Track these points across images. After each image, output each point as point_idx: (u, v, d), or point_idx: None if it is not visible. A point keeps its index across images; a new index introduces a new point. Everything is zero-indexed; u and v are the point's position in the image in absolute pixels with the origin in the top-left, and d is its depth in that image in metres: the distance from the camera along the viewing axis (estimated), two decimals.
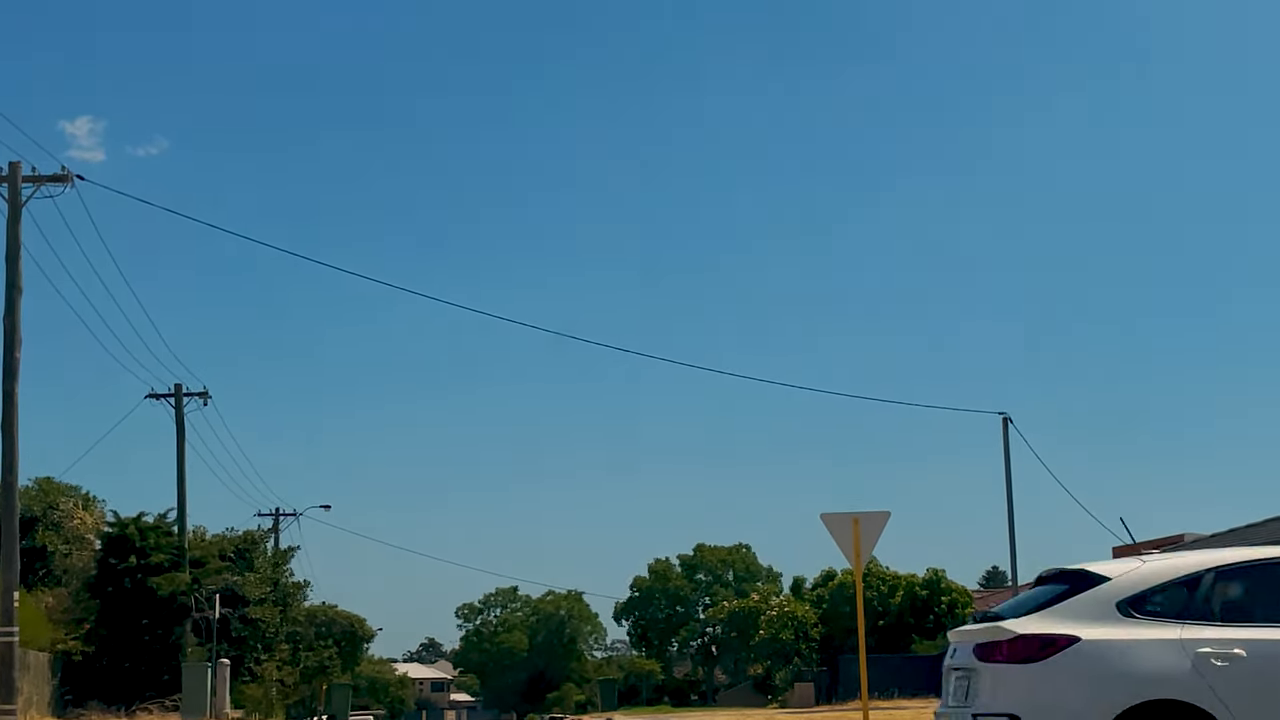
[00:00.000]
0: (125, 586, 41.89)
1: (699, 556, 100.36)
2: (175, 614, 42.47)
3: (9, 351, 27.91)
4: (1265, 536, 32.87)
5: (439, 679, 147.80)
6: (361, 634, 78.08)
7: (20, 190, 28.24)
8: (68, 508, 47.57)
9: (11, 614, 27.15)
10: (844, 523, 19.06)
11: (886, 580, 59.65)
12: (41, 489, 48.19)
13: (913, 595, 59.01)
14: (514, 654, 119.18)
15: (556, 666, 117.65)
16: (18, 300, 28.13)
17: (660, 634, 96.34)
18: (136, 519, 43.94)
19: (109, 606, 42.01)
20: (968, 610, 59.05)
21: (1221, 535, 36.54)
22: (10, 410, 27.88)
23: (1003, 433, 43.22)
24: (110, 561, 42.70)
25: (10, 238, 28.25)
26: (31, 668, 34.60)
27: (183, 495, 45.16)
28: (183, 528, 44.73)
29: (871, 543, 19.20)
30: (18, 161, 28.27)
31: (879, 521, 19.20)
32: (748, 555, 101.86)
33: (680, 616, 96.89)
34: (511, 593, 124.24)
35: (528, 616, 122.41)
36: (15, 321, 28.04)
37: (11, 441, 27.89)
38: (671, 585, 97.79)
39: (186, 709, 38.39)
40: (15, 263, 28.17)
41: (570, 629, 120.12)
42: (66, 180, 28.63)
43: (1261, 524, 35.09)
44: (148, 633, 41.89)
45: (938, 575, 60.17)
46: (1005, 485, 43.60)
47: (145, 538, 43.05)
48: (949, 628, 51.41)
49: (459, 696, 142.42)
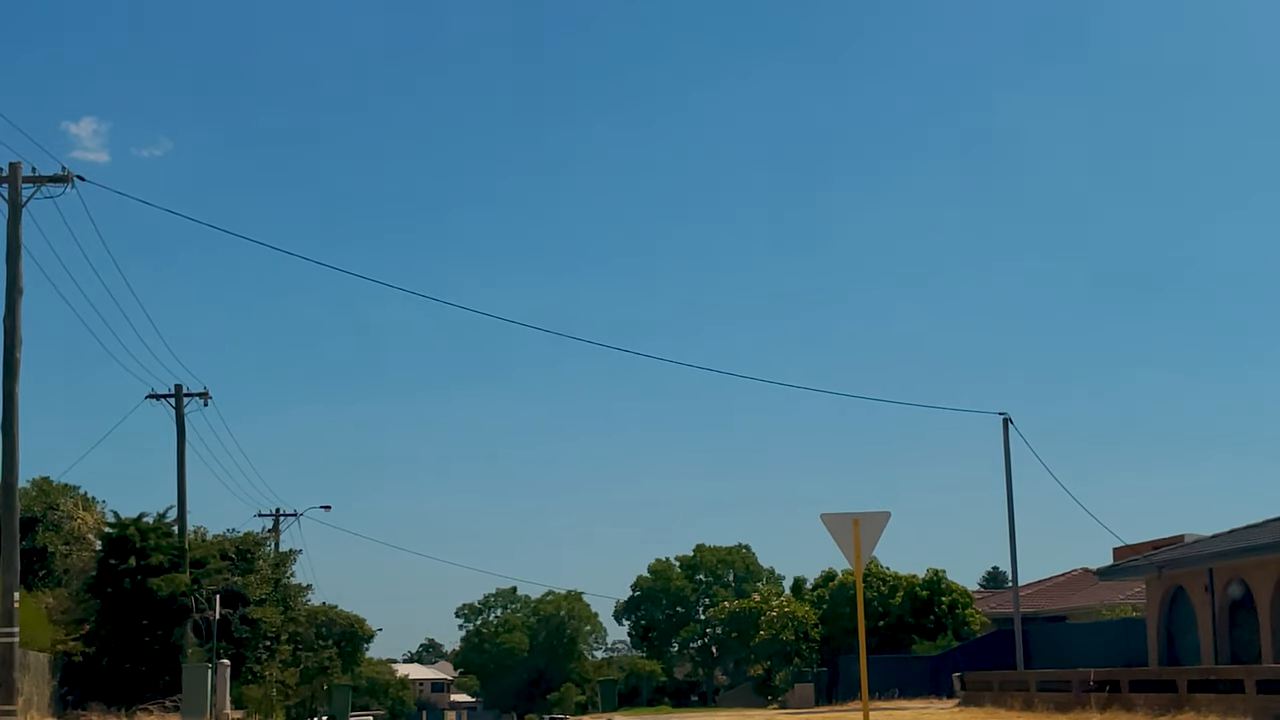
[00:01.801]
0: (125, 587, 41.84)
1: (699, 557, 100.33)
2: (175, 614, 42.43)
3: (9, 351, 27.91)
4: (1265, 537, 32.88)
5: (439, 679, 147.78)
6: (361, 634, 77.99)
7: (20, 190, 28.23)
8: (68, 508, 47.54)
9: (12, 614, 27.15)
10: (844, 523, 19.05)
11: (886, 580, 59.57)
12: (41, 489, 48.16)
13: (913, 595, 58.92)
14: (514, 654, 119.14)
15: (557, 667, 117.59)
16: (18, 300, 28.13)
17: (661, 634, 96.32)
18: (137, 519, 43.90)
19: (109, 607, 41.97)
20: (968, 610, 58.98)
21: (1221, 535, 36.57)
22: (10, 410, 27.87)
23: (1003, 433, 43.22)
24: (110, 562, 42.66)
25: (10, 238, 28.25)
26: (31, 668, 34.58)
27: (183, 496, 45.16)
28: (183, 528, 44.70)
29: (872, 543, 19.19)
30: (18, 162, 28.28)
31: (879, 522, 19.19)
32: (748, 556, 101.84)
33: (680, 617, 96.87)
34: (511, 593, 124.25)
35: (528, 617, 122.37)
36: (15, 322, 28.04)
37: (12, 442, 27.88)
38: (672, 586, 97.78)
39: (187, 710, 38.35)
40: (15, 263, 28.17)
41: (570, 629, 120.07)
42: (66, 180, 28.61)
43: (1261, 524, 35.09)
44: (148, 633, 41.84)
45: (938, 575, 60.08)
46: (1005, 485, 43.61)
47: (145, 538, 43.01)
48: (949, 628, 51.59)
49: (459, 697, 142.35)
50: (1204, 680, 28.61)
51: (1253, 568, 32.73)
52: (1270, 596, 32.02)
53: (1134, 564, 39.23)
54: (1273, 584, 31.93)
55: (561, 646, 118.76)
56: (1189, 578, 35.84)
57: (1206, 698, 27.78)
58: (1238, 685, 27.09)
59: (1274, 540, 31.79)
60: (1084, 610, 51.04)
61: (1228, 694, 27.20)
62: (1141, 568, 38.22)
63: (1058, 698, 33.71)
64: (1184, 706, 28.17)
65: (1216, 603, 34.35)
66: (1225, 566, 33.95)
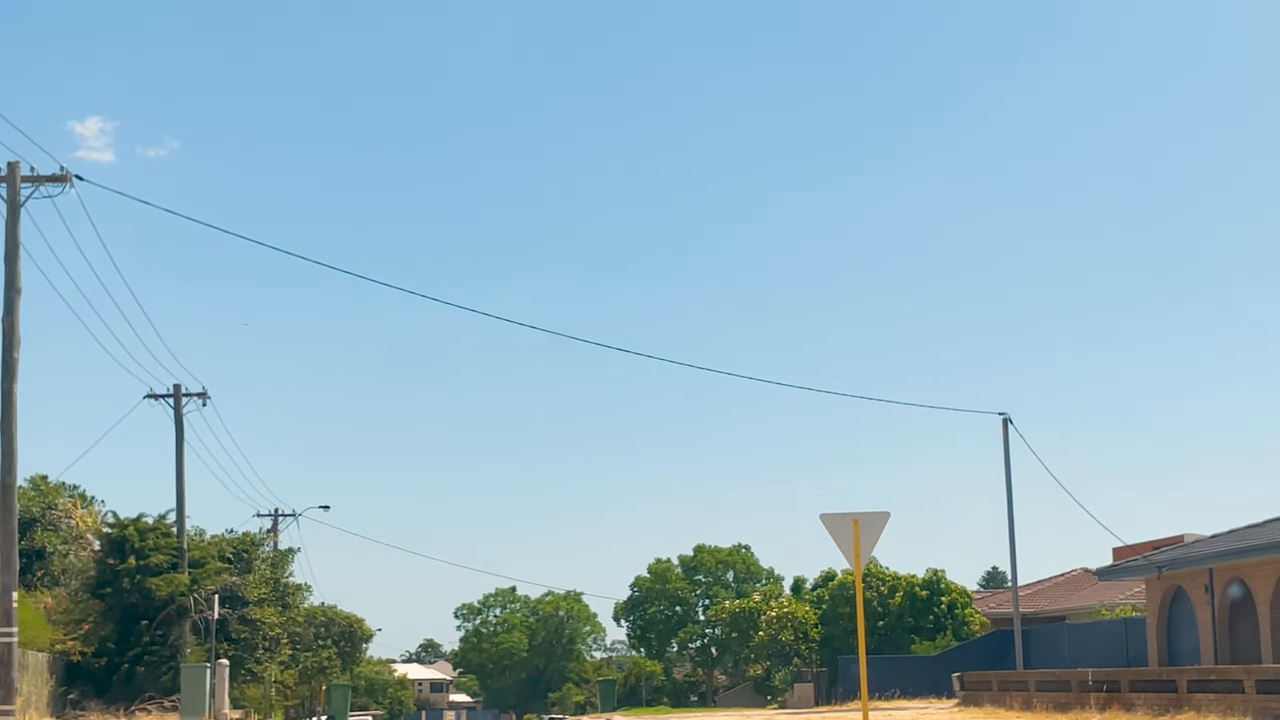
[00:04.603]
0: (124, 587, 41.84)
1: (699, 557, 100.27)
2: (174, 615, 42.42)
3: (8, 351, 27.86)
4: (1265, 537, 32.86)
5: (438, 679, 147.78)
6: (361, 634, 77.88)
7: (19, 190, 28.17)
8: (66, 508, 47.52)
9: (10, 614, 27.11)
10: (844, 523, 19.03)
11: (886, 580, 59.55)
12: (40, 489, 48.13)
13: (913, 595, 58.90)
14: (513, 654, 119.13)
15: (556, 667, 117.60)
16: (16, 301, 28.07)
17: (660, 635, 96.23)
18: (135, 520, 43.89)
19: (108, 607, 41.97)
20: (967, 610, 58.95)
21: (1221, 535, 36.54)
22: (9, 410, 27.83)
23: (1003, 433, 43.18)
24: (109, 562, 42.65)
25: (9, 238, 28.18)
26: (30, 668, 34.55)
27: (181, 496, 45.12)
28: (182, 528, 44.67)
29: (871, 543, 19.17)
30: (16, 161, 28.19)
31: (879, 522, 19.17)
32: (747, 556, 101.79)
33: (680, 617, 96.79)
34: (510, 593, 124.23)
35: (527, 617, 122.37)
36: (14, 322, 27.98)
37: (10, 442, 27.84)
38: (671, 586, 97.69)
39: (185, 710, 38.32)
40: (14, 263, 28.10)
41: (570, 629, 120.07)
42: (65, 180, 28.52)
43: (1261, 524, 35.07)
44: (147, 633, 41.84)
45: (938, 575, 60.06)
46: (1005, 485, 43.57)
47: (144, 538, 43.01)
48: (949, 628, 51.54)
49: (458, 697, 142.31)
50: (1204, 680, 28.59)
51: (1252, 568, 32.71)
52: (1270, 596, 32.00)
53: (1134, 564, 39.21)
54: (1272, 584, 31.90)
55: (560, 646, 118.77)
56: (1189, 578, 35.82)
57: (1206, 698, 27.77)
58: (1237, 685, 27.07)
59: (1274, 540, 31.77)
60: (1084, 610, 51.02)
61: (1227, 694, 27.19)
62: (1141, 568, 38.20)
63: (1057, 698, 33.70)
64: (1184, 706, 28.16)
65: (1216, 603, 34.33)
66: (1225, 566, 33.92)
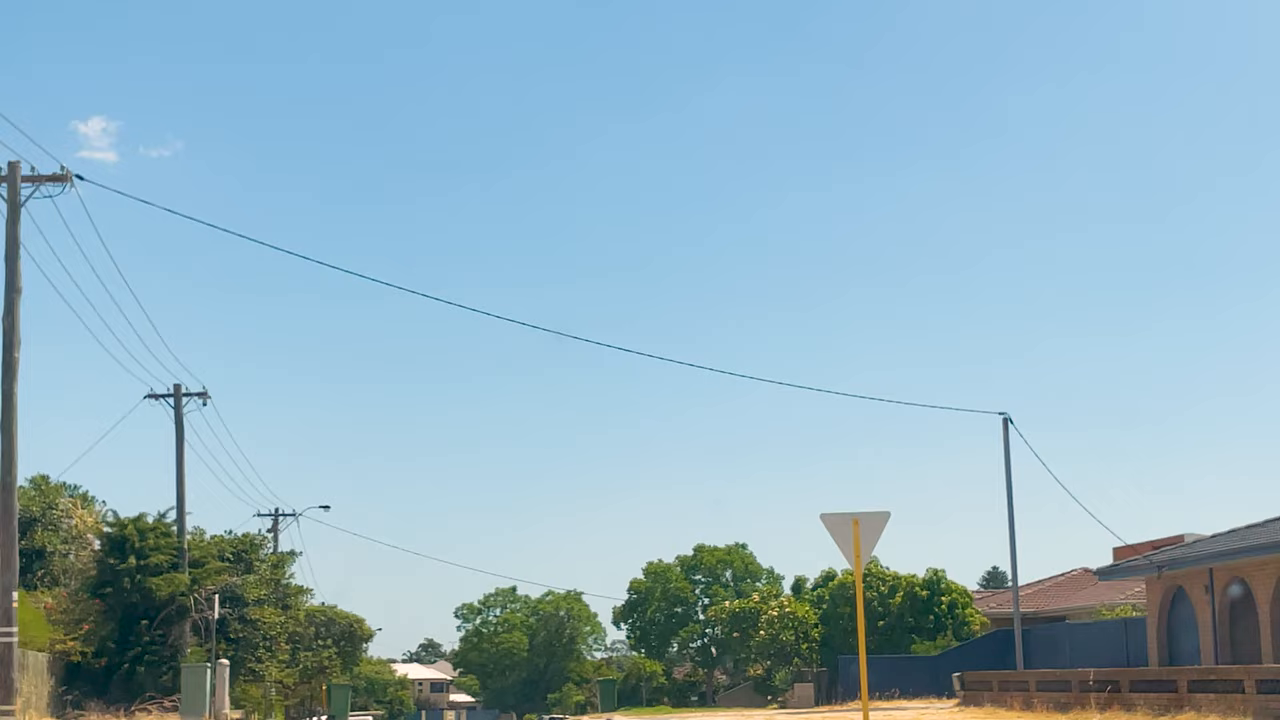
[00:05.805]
0: (124, 587, 41.82)
1: (698, 557, 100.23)
2: (174, 614, 42.42)
3: (8, 351, 27.85)
4: (1265, 537, 32.86)
5: (438, 679, 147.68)
6: (361, 634, 77.86)
7: (19, 189, 28.15)
8: (66, 507, 47.52)
9: (10, 614, 27.11)
10: (844, 523, 19.02)
11: (886, 580, 59.56)
12: (40, 489, 48.13)
13: (913, 595, 58.90)
14: (513, 654, 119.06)
15: (556, 667, 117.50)
16: (17, 300, 28.06)
17: (660, 635, 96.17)
18: (136, 519, 43.88)
19: (108, 607, 41.96)
20: (968, 610, 58.93)
21: (1221, 535, 36.54)
22: (9, 410, 27.83)
23: (1003, 433, 43.21)
24: (109, 562, 42.64)
25: (9, 238, 28.17)
26: (30, 668, 34.54)
27: (182, 496, 45.11)
28: (182, 528, 44.66)
29: (871, 543, 19.16)
30: (17, 161, 28.18)
31: (879, 522, 19.16)
32: (747, 556, 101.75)
33: (680, 617, 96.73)
34: (510, 593, 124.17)
35: (527, 617, 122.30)
36: (14, 321, 27.97)
37: (11, 442, 27.84)
38: (671, 586, 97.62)
39: (185, 709, 38.31)
40: (14, 263, 28.10)
41: (570, 629, 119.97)
42: (66, 180, 28.51)
43: (1261, 524, 35.06)
44: (147, 633, 41.83)
45: (938, 575, 60.05)
46: (1005, 485, 43.58)
47: (144, 538, 42.99)
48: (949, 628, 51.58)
49: (458, 697, 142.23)
50: (1204, 680, 28.59)
51: (1253, 568, 32.70)
52: (1270, 596, 31.99)
53: (1134, 564, 39.20)
54: (1273, 584, 31.90)
55: (561, 646, 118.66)
56: (1189, 578, 35.81)
57: (1206, 698, 27.77)
58: (1238, 685, 27.07)
59: (1274, 540, 31.76)
60: (1084, 610, 51.01)
61: (1228, 694, 27.18)
62: (1141, 568, 38.20)
63: (1057, 698, 33.70)
64: (1184, 706, 28.16)
65: (1216, 603, 34.32)
66: (1225, 567, 33.92)
